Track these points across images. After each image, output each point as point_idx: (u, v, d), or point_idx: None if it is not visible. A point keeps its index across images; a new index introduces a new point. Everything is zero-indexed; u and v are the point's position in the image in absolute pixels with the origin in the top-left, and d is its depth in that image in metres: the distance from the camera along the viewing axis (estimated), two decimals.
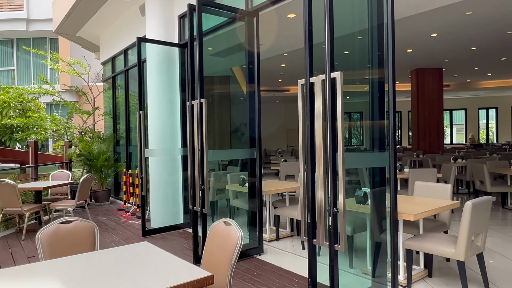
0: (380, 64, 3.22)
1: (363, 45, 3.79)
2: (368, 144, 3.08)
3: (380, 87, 3.20)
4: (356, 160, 2.66)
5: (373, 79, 3.28)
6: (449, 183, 6.09)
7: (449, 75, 14.01)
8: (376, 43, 3.27)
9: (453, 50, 9.99)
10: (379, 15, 3.30)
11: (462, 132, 21.44)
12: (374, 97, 3.15)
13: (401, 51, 10.01)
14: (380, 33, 3.23)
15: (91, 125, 11.12)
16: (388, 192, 2.88)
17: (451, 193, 3.80)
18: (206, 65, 9.04)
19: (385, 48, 3.04)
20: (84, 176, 5.68)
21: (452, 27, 7.91)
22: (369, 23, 3.38)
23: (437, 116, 12.59)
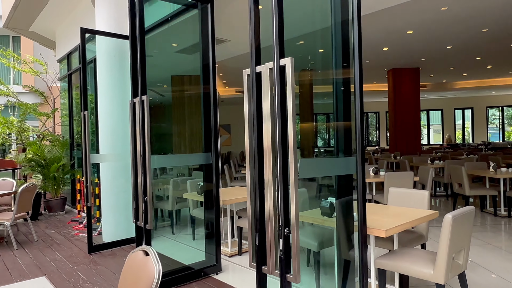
0: (348, 63, 2.80)
1: (330, 44, 3.35)
2: (335, 149, 2.63)
3: (347, 87, 2.78)
4: (316, 167, 2.19)
5: (338, 79, 2.84)
6: (427, 187, 5.74)
7: (425, 75, 13.88)
8: (340, 41, 2.84)
9: (429, 48, 9.76)
10: (344, 10, 2.85)
11: (439, 133, 21.53)
12: (339, 98, 2.71)
13: (377, 49, 9.71)
14: (346, 31, 2.80)
15: (51, 127, 10.36)
16: (356, 203, 2.43)
17: (429, 200, 3.39)
18: (173, 63, 8.41)
19: (351, 46, 2.60)
20: (25, 185, 5.04)
21: (428, 24, 7.62)
22: (332, 20, 2.94)
23: (414, 117, 12.39)
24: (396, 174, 5.35)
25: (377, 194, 5.84)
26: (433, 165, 7.92)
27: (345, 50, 2.72)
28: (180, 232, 5.43)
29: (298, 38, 7.85)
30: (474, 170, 6.49)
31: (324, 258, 3.64)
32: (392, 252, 2.85)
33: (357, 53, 2.34)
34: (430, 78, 14.88)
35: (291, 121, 1.87)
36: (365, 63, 11.45)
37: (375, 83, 15.65)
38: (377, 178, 5.68)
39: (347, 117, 2.58)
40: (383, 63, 11.60)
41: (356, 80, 2.40)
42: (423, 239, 3.37)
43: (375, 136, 22.29)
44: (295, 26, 6.74)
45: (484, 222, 5.66)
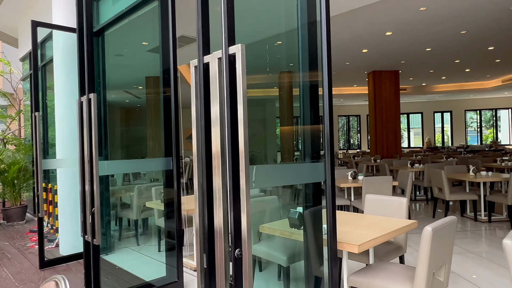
0: (317, 66, 2.55)
1: (302, 45, 3.07)
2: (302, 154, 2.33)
3: (315, 90, 2.51)
4: (276, 174, 1.88)
5: (305, 82, 2.57)
6: (406, 192, 5.53)
7: (405, 78, 13.86)
8: (306, 42, 2.58)
9: (408, 50, 9.66)
10: (311, 12, 2.58)
11: (419, 136, 21.67)
12: (305, 101, 2.43)
13: (356, 51, 9.55)
14: (313, 32, 2.54)
15: (16, 130, 9.78)
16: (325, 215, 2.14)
17: (407, 208, 3.13)
18: (145, 64, 7.92)
19: (319, 48, 2.34)
20: None
21: (406, 25, 7.48)
22: (298, 22, 2.67)
23: (394, 120, 12.30)
24: (374, 179, 5.11)
25: (356, 200, 5.59)
26: (413, 169, 7.77)
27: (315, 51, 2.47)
28: (145, 243, 5.04)
29: (276, 38, 7.59)
30: (454, 174, 6.33)
31: (295, 273, 3.34)
32: (367, 268, 2.56)
33: (325, 53, 2.07)
34: (410, 81, 14.89)
35: (242, 121, 1.55)
36: (345, 65, 11.30)
37: (356, 86, 15.57)
38: (355, 183, 5.43)
39: (316, 120, 2.30)
40: (363, 66, 11.47)
41: (325, 81, 2.13)
42: (401, 251, 3.11)
43: (356, 139, 22.27)
44: (273, 23, 6.47)
45: (465, 227, 5.48)
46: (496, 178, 5.60)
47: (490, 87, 15.76)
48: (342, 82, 14.57)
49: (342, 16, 6.75)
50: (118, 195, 5.24)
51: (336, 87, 15.84)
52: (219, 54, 1.65)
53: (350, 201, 5.65)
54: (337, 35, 8.04)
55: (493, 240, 4.80)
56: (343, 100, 18.77)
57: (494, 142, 18.82)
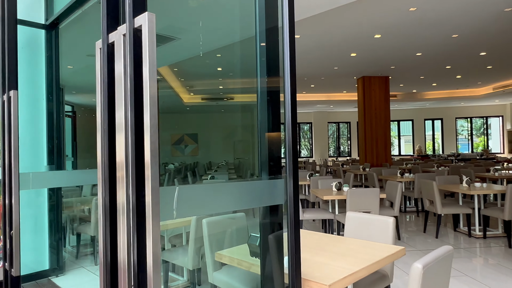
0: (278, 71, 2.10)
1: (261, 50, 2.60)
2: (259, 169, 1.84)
3: (275, 96, 2.05)
4: (213, 197, 1.39)
5: (263, 88, 2.12)
6: (395, 205, 5.07)
7: (395, 84, 13.54)
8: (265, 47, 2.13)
9: (398, 55, 9.30)
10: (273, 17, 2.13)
11: (410, 143, 21.39)
12: (262, 108, 1.97)
13: (345, 55, 9.16)
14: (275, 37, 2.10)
15: None
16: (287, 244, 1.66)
17: (394, 229, 2.67)
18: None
19: (280, 53, 1.88)
20: None
21: (396, 27, 7.10)
22: (256, 28, 2.23)
23: (384, 127, 11.93)
24: (360, 191, 4.65)
25: (341, 214, 5.12)
26: (403, 179, 7.34)
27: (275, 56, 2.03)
28: None
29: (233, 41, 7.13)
30: (446, 185, 5.90)
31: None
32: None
33: (288, 54, 1.62)
34: (400, 88, 14.58)
35: (148, 123, 1.07)
36: (333, 70, 10.91)
37: (346, 92, 15.22)
38: (339, 195, 4.96)
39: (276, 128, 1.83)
40: (352, 71, 11.10)
41: (287, 87, 1.68)
42: (387, 280, 2.63)
43: (346, 146, 21.91)
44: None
45: (458, 244, 5.04)
46: (491, 190, 5.18)
47: (481, 94, 15.54)
48: (331, 88, 14.20)
49: (327, 16, 6.34)
50: (75, 208, 4.70)
51: (325, 93, 15.47)
52: (123, 29, 1.17)
53: (334, 214, 5.18)
54: (323, 36, 7.63)
55: (489, 259, 4.35)
56: (332, 106, 18.42)
57: (485, 150, 18.60)
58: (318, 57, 9.31)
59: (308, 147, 21.76)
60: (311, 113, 20.62)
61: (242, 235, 2.97)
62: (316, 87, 13.88)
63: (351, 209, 4.62)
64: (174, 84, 12.17)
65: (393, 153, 20.94)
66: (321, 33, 7.41)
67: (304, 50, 8.62)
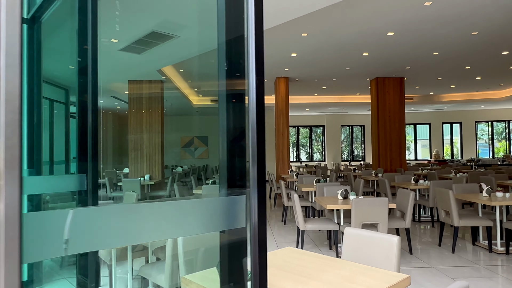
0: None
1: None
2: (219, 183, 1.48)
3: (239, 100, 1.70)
4: (134, 222, 1.03)
5: (222, 91, 1.76)
6: (406, 216, 4.63)
7: (411, 86, 12.98)
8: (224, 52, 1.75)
9: (413, 54, 8.80)
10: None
11: (427, 148, 20.63)
12: (221, 112, 1.62)
13: (356, 54, 8.72)
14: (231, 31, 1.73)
15: None
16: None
17: (398, 253, 2.26)
18: (120, 66, 7.01)
19: (246, 52, 1.52)
20: None
21: (410, 23, 6.64)
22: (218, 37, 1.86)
23: (399, 131, 11.39)
24: (366, 200, 4.23)
25: (346, 225, 4.70)
26: (417, 186, 6.85)
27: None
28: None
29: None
30: (464, 194, 5.41)
31: None
32: None
33: (253, 53, 1.27)
34: (416, 90, 13.99)
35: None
36: (345, 71, 10.47)
37: (359, 94, 14.71)
38: (345, 205, 4.55)
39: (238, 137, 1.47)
40: (365, 72, 10.62)
41: (252, 89, 1.33)
42: None
43: (360, 150, 21.31)
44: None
45: (477, 260, 4.55)
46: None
47: (503, 97, 14.78)
48: (344, 90, 13.72)
49: (335, 11, 5.95)
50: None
51: (338, 95, 14.99)
52: None
53: (339, 225, 4.77)
54: (332, 34, 7.23)
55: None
56: (345, 109, 17.90)
57: (507, 156, 17.73)
58: (327, 57, 8.90)
59: (320, 151, 21.25)
60: (324, 116, 20.14)
61: (212, 257, 2.61)
62: (327, 89, 13.43)
63: (357, 220, 4.20)
64: (181, 85, 11.94)
65: (409, 158, 20.24)
66: (329, 31, 7.01)
67: (312, 49, 8.22)
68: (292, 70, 10.30)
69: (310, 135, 21.13)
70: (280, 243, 5.50)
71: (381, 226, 4.22)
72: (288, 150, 10.91)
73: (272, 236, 5.99)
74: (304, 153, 21.26)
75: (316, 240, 5.70)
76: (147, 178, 9.10)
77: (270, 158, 18.37)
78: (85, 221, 0.91)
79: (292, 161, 20.63)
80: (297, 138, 20.91)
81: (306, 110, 18.12)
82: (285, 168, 10.83)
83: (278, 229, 6.48)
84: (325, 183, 6.29)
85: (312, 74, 10.78)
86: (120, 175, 10.83)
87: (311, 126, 20.81)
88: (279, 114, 11.06)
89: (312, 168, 14.81)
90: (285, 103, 11.06)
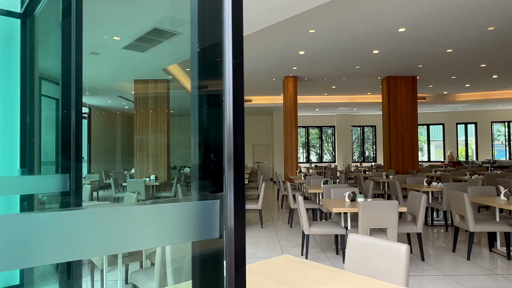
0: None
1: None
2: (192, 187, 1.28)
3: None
4: (94, 225, 0.84)
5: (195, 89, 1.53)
6: (418, 220, 4.36)
7: (424, 85, 12.60)
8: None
9: (426, 52, 8.48)
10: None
11: (440, 149, 20.12)
12: (194, 112, 1.40)
13: (366, 52, 8.45)
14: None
15: None
16: None
17: (407, 262, 2.03)
18: (125, 65, 6.94)
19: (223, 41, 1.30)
20: None
21: (422, 19, 6.35)
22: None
23: (411, 131, 11.05)
24: (375, 204, 3.98)
25: (353, 229, 4.46)
26: (430, 188, 6.55)
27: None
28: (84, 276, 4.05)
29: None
30: (480, 198, 5.10)
31: None
32: None
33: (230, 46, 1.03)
34: (429, 89, 13.59)
35: None
36: (355, 70, 10.19)
37: (370, 93, 14.37)
38: (352, 208, 4.31)
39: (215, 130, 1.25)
40: (376, 70, 10.32)
41: (228, 76, 1.10)
42: None
43: (372, 151, 20.91)
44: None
45: (494, 268, 4.25)
46: None
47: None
48: (354, 89, 13.42)
49: (343, 5, 5.71)
50: None
51: (348, 95, 14.69)
52: None
53: (346, 229, 4.53)
54: (341, 31, 6.98)
55: None
56: (356, 109, 17.55)
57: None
58: (336, 54, 8.64)
59: (331, 151, 20.92)
60: (334, 116, 19.81)
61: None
62: (337, 89, 13.15)
63: (365, 225, 3.96)
64: (188, 85, 11.82)
65: (422, 159, 19.77)
66: (337, 27, 6.76)
67: (321, 47, 7.98)
68: (300, 69, 10.07)
69: (320, 136, 20.82)
70: (285, 247, 5.28)
71: (391, 231, 3.97)
72: (296, 151, 10.68)
73: (277, 239, 5.77)
74: (314, 154, 20.96)
75: (323, 243, 5.47)
76: (152, 178, 8.98)
77: (278, 159, 18.14)
78: (17, 231, 0.71)
79: (301, 162, 20.35)
80: (306, 138, 20.62)
81: (316, 111, 17.83)
82: (293, 169, 10.59)
83: (284, 232, 6.26)
84: (332, 184, 6.04)
85: (321, 73, 10.53)
86: (127, 176, 10.74)
87: (321, 127, 20.50)
88: (287, 114, 10.84)
89: (321, 169, 14.53)
90: (293, 103, 10.83)
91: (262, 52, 8.34)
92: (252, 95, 14.56)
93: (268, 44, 7.79)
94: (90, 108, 14.19)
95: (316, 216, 6.76)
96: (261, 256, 4.85)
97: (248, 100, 15.12)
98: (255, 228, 6.63)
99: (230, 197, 1.08)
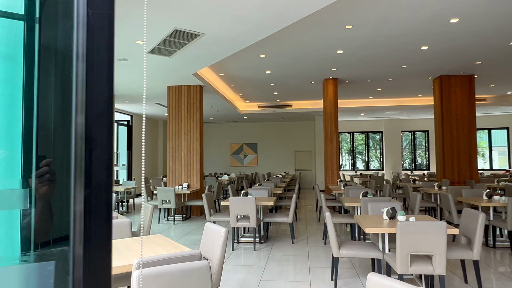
0: None
1: None
2: None
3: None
4: None
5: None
6: (474, 243, 3.56)
7: (483, 85, 11.27)
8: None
9: (484, 46, 7.43)
10: None
11: (505, 156, 18.07)
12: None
13: (413, 48, 7.58)
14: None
15: None
16: None
17: None
18: (156, 71, 6.74)
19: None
20: None
21: (478, 6, 5.46)
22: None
23: (469, 136, 9.84)
24: (417, 225, 3.27)
25: (392, 252, 3.75)
26: (491, 203, 5.58)
27: None
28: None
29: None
30: None
31: None
32: None
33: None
34: (490, 89, 12.17)
35: None
36: (401, 69, 9.27)
37: (420, 96, 13.20)
38: (390, 228, 3.62)
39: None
40: (425, 69, 9.33)
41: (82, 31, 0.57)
42: None
43: (424, 158, 19.33)
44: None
45: None
46: None
47: None
48: (402, 91, 12.36)
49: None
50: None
51: (396, 98, 13.60)
52: None
53: (383, 253, 3.83)
54: (381, 25, 6.25)
55: None
56: (406, 113, 16.27)
57: None
58: (378, 52, 7.86)
59: (379, 158, 19.65)
60: (382, 121, 18.61)
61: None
62: (383, 91, 12.19)
63: (404, 250, 3.26)
64: (225, 91, 11.55)
65: (482, 168, 17.90)
66: (377, 21, 6.05)
67: (360, 44, 7.27)
68: (340, 70, 9.36)
69: (366, 142, 19.66)
70: (314, 270, 4.65)
71: (437, 258, 3.23)
72: (337, 158, 9.93)
73: (307, 258, 5.15)
74: (360, 161, 19.83)
75: (361, 266, 4.77)
76: (185, 186, 8.73)
77: (321, 166, 17.32)
78: None
79: (346, 169, 19.33)
80: (352, 145, 19.57)
81: (361, 115, 16.81)
82: (334, 177, 9.85)
83: (316, 250, 5.62)
84: (371, 197, 5.32)
85: (364, 73, 9.73)
86: (162, 184, 10.64)
87: (367, 132, 19.36)
88: (328, 118, 10.14)
89: (366, 178, 13.54)
90: (334, 106, 10.12)
91: (298, 53, 7.79)
92: (292, 100, 13.99)
93: (303, 44, 7.24)
94: (132, 116, 14.44)
95: (354, 234, 6.03)
96: (284, 279, 4.28)
97: (288, 105, 14.57)
98: (285, 243, 6.05)
99: (79, 253, 0.58)
